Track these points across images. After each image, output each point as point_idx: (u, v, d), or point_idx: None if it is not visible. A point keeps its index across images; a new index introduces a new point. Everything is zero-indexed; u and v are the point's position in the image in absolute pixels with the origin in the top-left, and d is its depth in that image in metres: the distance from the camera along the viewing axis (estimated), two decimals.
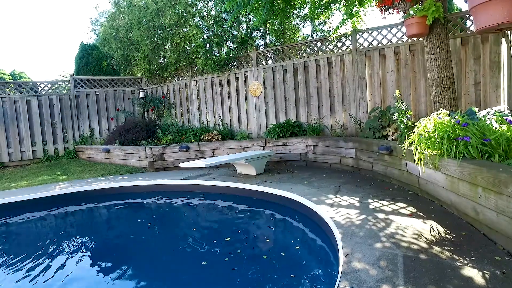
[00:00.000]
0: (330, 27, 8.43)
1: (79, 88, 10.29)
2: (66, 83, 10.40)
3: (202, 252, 3.79)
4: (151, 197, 6.05)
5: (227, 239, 4.00)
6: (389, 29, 6.09)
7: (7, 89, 9.70)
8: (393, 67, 6.07)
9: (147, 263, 3.66)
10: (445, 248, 2.61)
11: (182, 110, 9.77)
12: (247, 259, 3.45)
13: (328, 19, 7.22)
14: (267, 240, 4.00)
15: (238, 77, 8.38)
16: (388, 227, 3.13)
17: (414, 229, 3.04)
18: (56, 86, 10.28)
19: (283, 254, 3.44)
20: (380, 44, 6.25)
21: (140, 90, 10.22)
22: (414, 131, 3.65)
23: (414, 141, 3.60)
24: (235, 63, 8.53)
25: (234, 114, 8.53)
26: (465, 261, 2.38)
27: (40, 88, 10.05)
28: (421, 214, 3.42)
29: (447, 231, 2.93)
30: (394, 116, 4.84)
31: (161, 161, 7.70)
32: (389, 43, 6.13)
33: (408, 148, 3.95)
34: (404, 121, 4.53)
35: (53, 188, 6.30)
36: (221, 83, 8.73)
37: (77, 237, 4.63)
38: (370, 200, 4.08)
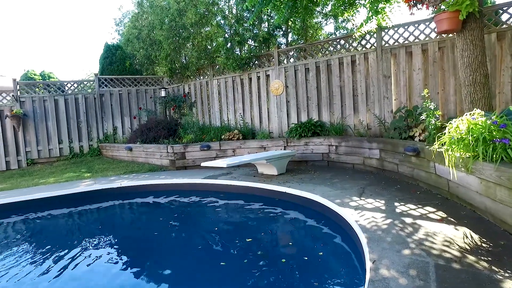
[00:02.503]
0: (354, 24, 8.24)
1: (103, 87, 10.52)
2: (91, 82, 10.66)
3: (221, 252, 3.77)
4: (172, 195, 6.09)
5: (248, 240, 3.95)
6: (416, 25, 5.87)
7: (36, 89, 10.06)
8: (420, 65, 5.84)
9: (166, 261, 3.67)
10: (482, 258, 2.45)
11: (203, 109, 9.82)
12: (267, 262, 3.39)
13: (352, 16, 7.04)
14: (290, 243, 3.92)
15: (259, 76, 8.32)
16: (417, 233, 2.99)
17: (445, 235, 2.89)
18: (81, 85, 10.56)
19: (306, 258, 3.36)
20: (406, 42, 6.03)
21: (162, 89, 10.34)
22: (445, 132, 3.48)
23: (444, 142, 3.43)
24: (256, 62, 8.48)
25: (255, 113, 8.48)
26: (507, 274, 2.22)
27: (67, 88, 10.35)
28: (452, 219, 3.26)
29: (483, 239, 2.76)
30: (421, 116, 4.65)
31: (182, 160, 7.76)
32: (416, 40, 5.90)
33: (438, 149, 3.77)
34: (433, 122, 4.34)
35: (78, 185, 6.45)
36: (242, 82, 8.69)
37: (100, 234, 4.70)
38: (396, 204, 3.93)
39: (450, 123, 3.45)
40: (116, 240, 4.46)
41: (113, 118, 10.61)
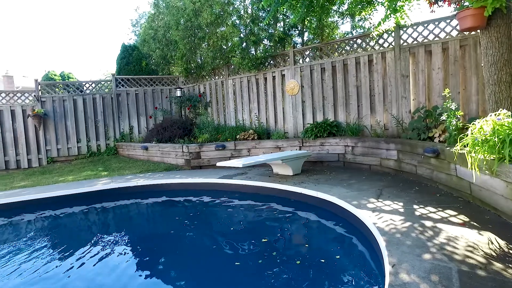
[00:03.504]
0: (371, 23, 8.12)
1: (120, 87, 10.68)
2: (108, 82, 10.84)
3: (236, 252, 3.76)
4: (187, 195, 6.12)
5: (264, 240, 3.93)
6: (436, 23, 5.72)
7: (56, 89, 10.31)
8: (440, 64, 5.69)
9: (181, 259, 3.70)
10: (510, 265, 2.36)
11: (218, 109, 9.85)
12: (282, 263, 3.36)
13: (370, 15, 6.93)
14: (306, 245, 3.88)
15: (274, 76, 8.29)
16: (438, 237, 2.90)
17: (468, 240, 2.79)
18: (99, 85, 10.75)
19: (323, 261, 3.31)
20: (426, 40, 5.88)
21: (178, 89, 10.43)
22: (467, 133, 3.37)
23: (467, 144, 3.32)
24: (271, 62, 8.45)
25: (270, 113, 8.45)
26: None
27: (85, 88, 10.57)
28: (475, 224, 3.15)
29: (510, 245, 2.66)
30: (442, 117, 4.52)
31: (197, 159, 7.80)
32: (436, 39, 5.75)
33: (460, 151, 3.66)
34: (454, 122, 4.22)
35: (96, 184, 6.57)
36: (257, 82, 8.68)
37: (117, 231, 4.77)
38: (415, 206, 3.84)
39: (473, 124, 3.34)
40: (132, 238, 4.51)
41: (130, 118, 10.77)
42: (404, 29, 6.11)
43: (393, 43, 6.32)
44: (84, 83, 10.65)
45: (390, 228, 3.23)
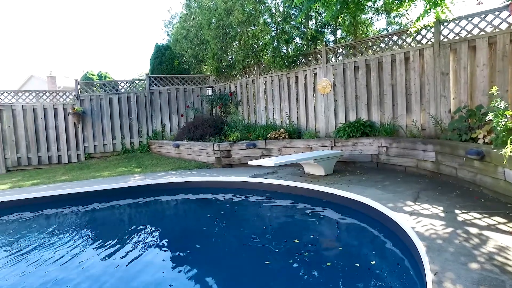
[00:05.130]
0: (408, 19, 7.80)
1: (153, 86, 10.97)
2: (142, 81, 11.16)
3: (266, 251, 3.74)
4: (218, 193, 6.18)
5: (295, 241, 3.88)
6: (482, 16, 5.36)
7: (94, 88, 10.76)
8: (486, 60, 5.35)
9: (212, 255, 3.73)
10: None
11: (249, 108, 9.87)
12: (314, 265, 3.29)
13: (407, 10, 6.66)
14: (339, 248, 3.78)
15: (306, 74, 8.18)
16: (485, 245, 2.73)
17: None
18: (133, 84, 11.10)
19: (358, 265, 3.21)
20: (469, 35, 5.55)
21: (209, 88, 10.55)
22: None
23: None
24: (303, 60, 8.34)
25: (301, 112, 8.35)
26: None
27: (120, 87, 10.95)
28: None
29: None
30: (488, 117, 4.25)
31: (228, 158, 7.85)
32: (482, 33, 5.41)
33: (510, 153, 3.42)
34: (502, 122, 3.94)
35: (130, 180, 6.78)
36: (288, 80, 8.60)
37: (150, 226, 4.90)
38: (457, 211, 3.64)
39: None
40: (164, 233, 4.62)
41: (162, 116, 11.03)
42: (445, 24, 5.81)
43: (432, 39, 6.03)
44: (119, 82, 11.04)
45: (430, 233, 3.08)
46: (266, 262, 3.39)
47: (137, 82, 11.23)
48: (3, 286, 3.15)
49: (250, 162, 5.91)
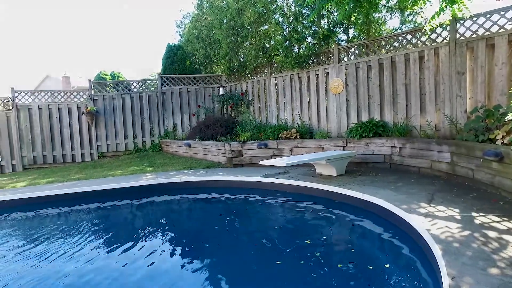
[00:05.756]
0: (422, 17, 7.65)
1: (165, 86, 11.05)
2: (154, 81, 11.26)
3: (277, 251, 3.72)
4: (230, 192, 6.17)
5: (307, 241, 3.84)
6: (502, 13, 5.21)
7: (107, 88, 10.91)
8: (505, 59, 5.21)
9: (223, 254, 3.74)
10: None
11: (260, 107, 9.85)
12: (325, 266, 3.25)
13: (422, 8, 6.54)
14: (352, 249, 3.73)
15: (318, 74, 8.12)
16: (505, 250, 2.65)
17: None
18: (145, 84, 11.21)
19: (371, 267, 3.16)
20: (487, 33, 5.41)
21: (220, 88, 10.58)
22: None
23: None
24: (315, 60, 8.28)
25: (313, 112, 8.30)
26: None
27: (132, 87, 11.07)
28: None
29: None
30: (508, 117, 4.14)
31: (239, 158, 7.85)
32: (501, 30, 5.25)
33: None
34: None
35: (142, 179, 6.83)
36: (300, 80, 8.55)
37: (161, 225, 4.94)
38: (474, 214, 3.55)
39: None
40: (176, 232, 4.64)
41: (173, 115, 11.10)
42: (462, 22, 5.69)
43: (447, 38, 5.91)
44: (131, 82, 11.16)
45: (446, 236, 3.01)
46: (277, 262, 3.37)
47: (149, 81, 11.33)
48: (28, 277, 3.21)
49: (261, 162, 5.89)
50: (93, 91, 10.50)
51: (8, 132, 9.80)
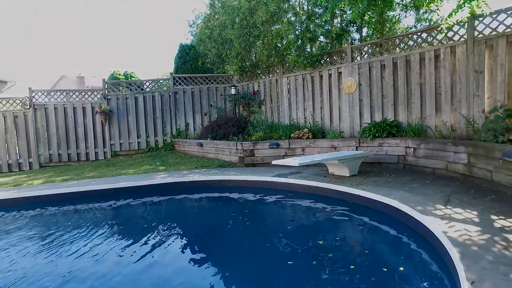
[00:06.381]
0: (439, 15, 7.49)
1: (177, 85, 11.12)
2: (167, 81, 11.35)
3: (289, 251, 3.70)
4: (242, 192, 6.17)
5: (320, 242, 3.81)
6: None
7: (120, 87, 11.05)
8: None
9: (235, 254, 3.74)
10: None
11: (272, 107, 9.83)
12: (338, 267, 3.21)
13: (438, 5, 6.40)
14: (365, 251, 3.68)
15: (331, 73, 8.05)
16: None
17: None
18: (158, 84, 11.30)
19: (385, 269, 3.11)
20: (508, 30, 5.25)
21: (232, 87, 10.60)
22: None
23: None
24: (327, 59, 8.21)
25: (325, 112, 8.23)
26: None
27: (145, 86, 11.18)
28: None
29: None
30: None
31: (251, 157, 7.84)
32: None
33: None
34: None
35: (155, 178, 6.89)
36: (312, 79, 8.49)
37: (174, 224, 4.96)
38: (493, 216, 3.46)
39: None
40: (188, 231, 4.66)
41: (186, 115, 11.17)
42: (480, 19, 5.54)
43: (465, 36, 5.77)
44: (144, 82, 11.27)
45: (464, 239, 2.94)
46: (289, 262, 3.35)
47: (161, 81, 11.43)
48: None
49: (274, 162, 5.87)
50: (106, 90, 10.65)
51: (26, 131, 10.03)
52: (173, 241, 4.23)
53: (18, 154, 10.02)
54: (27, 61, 58.48)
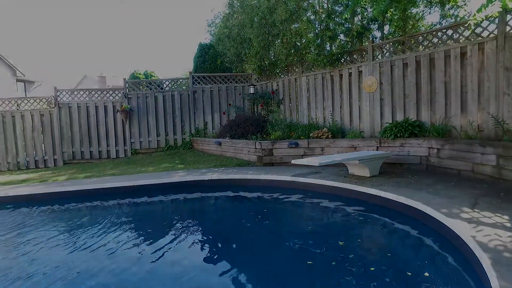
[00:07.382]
0: (466, 10, 7.23)
1: (196, 84, 11.21)
2: (186, 80, 11.46)
3: (308, 251, 3.66)
4: (260, 191, 6.15)
5: (340, 243, 3.74)
6: None
7: (140, 87, 11.24)
8: None
9: (253, 252, 3.75)
10: None
11: (291, 106, 9.76)
12: (359, 270, 3.13)
13: (465, 0, 6.17)
14: (388, 254, 3.59)
15: (351, 72, 7.91)
16: None
17: None
18: (177, 83, 11.43)
19: (409, 273, 3.01)
20: None
21: (251, 86, 10.59)
22: None
23: None
24: (347, 58, 8.08)
25: (345, 111, 8.10)
26: None
27: (164, 85, 11.33)
28: None
29: None
30: None
31: (269, 156, 7.81)
32: None
33: None
34: None
35: (174, 176, 6.96)
36: (332, 78, 8.38)
37: (193, 222, 5.01)
38: None
39: None
40: (207, 229, 4.69)
41: (204, 114, 11.25)
42: None
43: (495, 32, 5.53)
44: (164, 81, 11.42)
45: (495, 244, 2.82)
46: (309, 262, 3.30)
47: (180, 80, 11.55)
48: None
49: (293, 161, 5.81)
50: (127, 90, 10.85)
51: (51, 128, 10.35)
52: (192, 237, 4.26)
53: (43, 151, 10.35)
54: (52, 61, 60.49)
